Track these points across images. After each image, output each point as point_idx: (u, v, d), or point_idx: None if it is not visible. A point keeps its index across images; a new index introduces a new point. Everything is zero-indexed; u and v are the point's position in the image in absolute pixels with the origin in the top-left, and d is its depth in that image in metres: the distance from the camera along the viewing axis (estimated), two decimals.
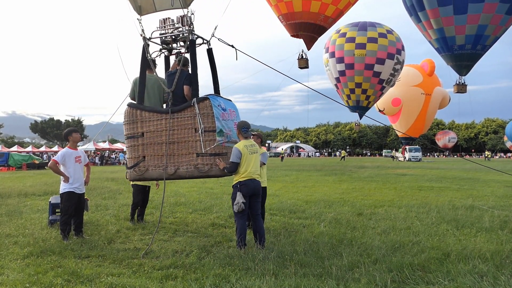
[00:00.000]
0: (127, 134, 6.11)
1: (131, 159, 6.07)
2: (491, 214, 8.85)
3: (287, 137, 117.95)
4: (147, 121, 5.97)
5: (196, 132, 5.72)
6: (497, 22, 24.40)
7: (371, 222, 8.05)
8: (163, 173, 5.85)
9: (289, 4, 22.96)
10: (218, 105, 5.82)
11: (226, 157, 5.85)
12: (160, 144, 5.89)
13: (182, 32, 6.03)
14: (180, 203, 10.81)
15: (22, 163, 34.27)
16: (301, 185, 16.57)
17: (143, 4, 6.31)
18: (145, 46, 6.12)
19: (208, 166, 5.72)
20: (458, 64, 27.03)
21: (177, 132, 5.83)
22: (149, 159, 5.95)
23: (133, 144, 6.05)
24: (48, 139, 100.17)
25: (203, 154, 5.70)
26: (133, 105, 6.13)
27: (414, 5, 26.59)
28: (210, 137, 5.70)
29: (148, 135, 5.96)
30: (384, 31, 34.70)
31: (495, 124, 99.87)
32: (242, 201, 5.74)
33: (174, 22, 6.05)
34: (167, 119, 5.85)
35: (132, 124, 6.05)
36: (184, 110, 5.83)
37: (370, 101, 36.44)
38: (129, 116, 6.07)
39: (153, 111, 5.99)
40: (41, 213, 9.37)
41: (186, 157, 5.79)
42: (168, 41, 6.26)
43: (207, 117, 5.71)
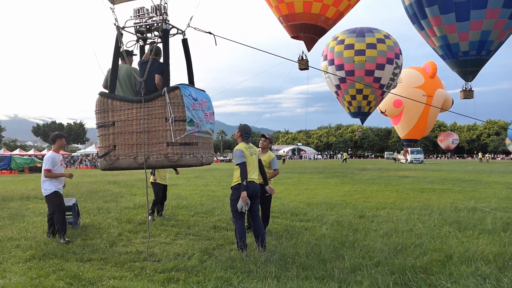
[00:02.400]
0: (98, 123, 6.03)
1: (102, 148, 5.99)
2: (494, 216, 8.83)
3: (289, 140, 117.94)
4: (118, 110, 5.89)
5: (167, 122, 5.64)
6: (501, 27, 24.46)
7: (373, 225, 8.03)
8: (133, 162, 5.80)
9: (290, 5, 23.03)
10: (189, 94, 5.75)
11: (197, 147, 5.81)
12: (131, 134, 5.82)
13: (156, 21, 5.96)
14: (181, 206, 10.80)
15: (24, 167, 34.36)
16: (303, 187, 16.56)
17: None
18: (118, 35, 6.02)
19: (178, 155, 5.64)
20: (463, 70, 27.12)
21: (148, 121, 5.75)
22: (120, 148, 5.87)
23: (104, 133, 5.96)
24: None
25: (173, 143, 5.62)
26: (104, 94, 6.04)
27: (416, 13, 26.73)
28: (181, 127, 5.62)
29: (119, 124, 5.88)
30: (382, 36, 35.02)
31: (497, 126, 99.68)
32: (243, 205, 5.74)
33: (148, 11, 5.97)
34: (138, 108, 5.78)
35: (103, 113, 5.95)
36: (155, 100, 5.74)
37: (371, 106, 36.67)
38: (100, 105, 5.97)
39: (124, 100, 5.92)
40: (43, 216, 9.37)
41: (156, 146, 5.71)
42: (143, 30, 6.19)
43: (177, 106, 5.63)
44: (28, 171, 33.86)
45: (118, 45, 6.03)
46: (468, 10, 23.88)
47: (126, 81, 6.34)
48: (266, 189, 6.54)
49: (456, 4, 24.11)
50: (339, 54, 34.78)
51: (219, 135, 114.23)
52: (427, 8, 25.64)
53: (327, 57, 35.86)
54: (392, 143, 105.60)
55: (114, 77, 6.04)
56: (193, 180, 20.59)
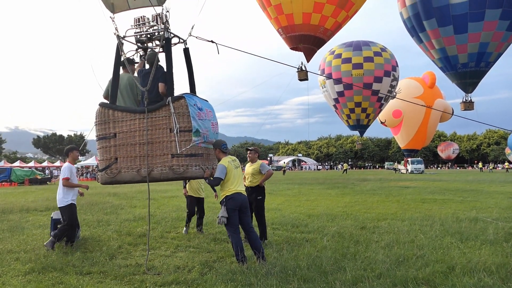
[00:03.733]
0: (98, 135, 5.86)
1: (103, 161, 5.80)
2: (496, 226, 8.78)
3: (289, 151, 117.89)
4: (120, 121, 5.72)
5: (171, 132, 5.48)
6: (499, 39, 24.66)
7: (374, 236, 7.99)
8: (136, 175, 5.61)
9: (289, 16, 23.19)
10: (194, 104, 5.61)
11: (202, 158, 5.69)
12: (134, 145, 5.63)
13: (158, 30, 5.86)
14: (182, 218, 10.75)
15: (25, 179, 34.27)
16: (303, 198, 16.51)
17: (116, 1, 6.11)
18: (119, 45, 5.91)
19: (183, 167, 5.47)
20: (463, 82, 27.30)
21: (151, 132, 5.59)
22: (122, 161, 5.68)
23: (104, 145, 5.79)
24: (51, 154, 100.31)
25: (179, 155, 5.44)
26: (105, 104, 5.88)
27: (414, 26, 26.98)
28: (186, 137, 5.47)
29: (120, 136, 5.70)
30: (378, 49, 35.48)
31: (497, 135, 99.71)
32: (223, 215, 5.77)
33: (149, 20, 5.88)
34: (141, 119, 5.60)
35: (103, 125, 5.79)
36: (159, 110, 5.59)
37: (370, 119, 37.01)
38: (101, 116, 5.81)
39: (126, 111, 5.74)
40: (43, 228, 9.33)
41: (160, 158, 5.53)
42: (144, 40, 6.08)
43: (182, 116, 5.48)
44: (28, 183, 33.77)
45: (119, 55, 5.93)
46: (465, 22, 24.10)
47: (128, 90, 6.22)
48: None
49: (454, 17, 24.33)
50: (336, 68, 35.16)
51: None
52: (425, 21, 25.87)
53: (325, 71, 36.16)
54: (393, 153, 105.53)
55: (115, 87, 5.91)
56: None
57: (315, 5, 22.43)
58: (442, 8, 24.65)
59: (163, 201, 15.75)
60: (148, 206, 6.52)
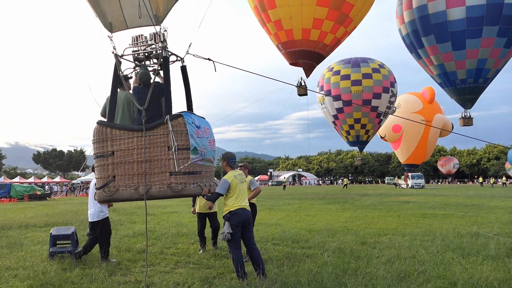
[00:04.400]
0: (96, 153, 5.85)
1: (100, 179, 5.79)
2: (497, 242, 8.74)
3: (289, 166, 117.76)
4: (118, 139, 5.72)
5: (169, 150, 5.50)
6: (497, 55, 24.96)
7: (375, 251, 7.94)
8: (134, 193, 5.61)
9: (289, 32, 23.44)
10: (192, 122, 5.66)
11: (200, 176, 5.71)
12: (131, 163, 5.64)
13: (155, 49, 5.93)
14: (181, 234, 10.70)
15: (24, 194, 34.18)
16: (303, 213, 16.45)
17: (114, 21, 6.16)
18: (116, 63, 5.95)
19: (182, 185, 5.49)
20: (462, 98, 27.54)
21: (149, 150, 5.61)
22: (120, 179, 5.68)
23: (102, 163, 5.77)
24: (51, 170, 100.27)
25: (177, 172, 5.47)
26: (102, 122, 5.90)
27: (413, 43, 27.33)
28: (184, 155, 5.51)
29: (118, 154, 5.70)
30: (377, 65, 35.91)
31: (497, 150, 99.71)
32: (228, 231, 5.73)
33: (147, 39, 5.94)
34: (139, 137, 5.64)
35: (101, 143, 5.78)
36: (157, 128, 5.62)
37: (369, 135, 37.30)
38: (98, 134, 5.81)
39: (124, 129, 5.77)
40: (42, 245, 9.28)
41: (158, 176, 5.54)
42: (141, 58, 6.14)
43: (180, 134, 5.52)
44: (27, 199, 33.67)
45: (116, 73, 5.96)
46: (463, 39, 24.43)
47: (124, 108, 6.23)
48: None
49: (452, 34, 24.65)
50: (335, 85, 35.54)
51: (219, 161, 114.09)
52: (423, 38, 26.20)
53: (323, 88, 36.54)
54: (393, 168, 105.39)
55: (113, 105, 5.95)
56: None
57: (315, 21, 22.68)
58: (440, 25, 25.00)
59: (162, 216, 15.69)
60: (145, 223, 6.50)
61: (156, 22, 5.95)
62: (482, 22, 23.83)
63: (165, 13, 5.96)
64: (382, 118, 36.42)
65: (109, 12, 6.08)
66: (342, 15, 22.86)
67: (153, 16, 5.94)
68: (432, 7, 25.02)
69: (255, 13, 24.68)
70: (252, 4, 24.21)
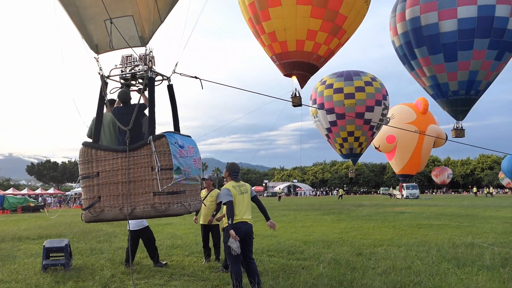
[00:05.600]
0: (82, 174, 5.88)
1: (86, 200, 5.83)
2: (492, 252, 8.75)
3: (284, 177, 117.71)
4: (103, 160, 5.76)
5: (153, 171, 5.54)
6: (488, 68, 25.32)
7: (371, 262, 7.93)
8: (119, 213, 5.65)
9: (283, 44, 23.60)
10: (175, 142, 5.69)
11: (184, 195, 5.72)
12: (116, 184, 5.68)
13: (141, 70, 5.97)
14: (176, 246, 10.64)
15: (17, 206, 33.90)
16: (299, 224, 16.41)
17: (100, 43, 6.20)
18: (102, 85, 5.99)
19: (165, 205, 5.52)
20: (454, 110, 27.83)
21: (133, 171, 5.64)
22: (105, 200, 5.72)
23: (88, 184, 5.82)
24: (44, 181, 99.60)
25: (160, 193, 5.50)
26: (88, 144, 5.93)
27: (406, 54, 27.64)
28: (167, 175, 5.53)
29: (103, 175, 5.74)
30: (369, 79, 36.43)
31: (490, 160, 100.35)
32: (236, 245, 5.64)
33: (135, 59, 5.99)
34: (123, 157, 5.67)
35: (86, 164, 5.82)
36: (140, 149, 5.67)
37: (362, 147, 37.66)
38: (84, 155, 5.84)
39: (108, 150, 5.82)
40: (35, 257, 9.19)
41: (142, 196, 5.58)
42: (127, 77, 6.15)
43: (163, 155, 5.55)
44: (21, 211, 33.38)
45: (102, 95, 5.99)
46: (455, 51, 24.77)
47: (110, 130, 6.26)
48: (268, 225, 6.30)
49: (444, 45, 24.99)
50: (328, 98, 35.90)
51: (214, 172, 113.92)
52: (416, 49, 26.52)
53: (316, 101, 36.85)
54: (388, 178, 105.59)
55: (98, 126, 5.97)
56: (188, 219, 20.34)
57: (309, 32, 22.87)
58: (432, 37, 25.33)
59: (157, 228, 15.59)
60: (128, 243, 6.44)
61: (142, 43, 6.01)
62: (474, 34, 24.20)
63: (151, 34, 6.03)
64: (375, 131, 36.87)
65: (95, 34, 6.13)
66: (336, 27, 23.08)
67: (139, 38, 6.00)
68: (424, 19, 25.37)
69: (249, 24, 24.85)
70: (247, 16, 24.39)
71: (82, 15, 6.00)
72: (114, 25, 5.88)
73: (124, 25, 5.93)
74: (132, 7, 5.88)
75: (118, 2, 5.84)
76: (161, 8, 5.86)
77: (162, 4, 5.87)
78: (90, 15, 6.00)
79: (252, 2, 23.17)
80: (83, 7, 5.95)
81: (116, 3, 5.82)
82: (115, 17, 5.85)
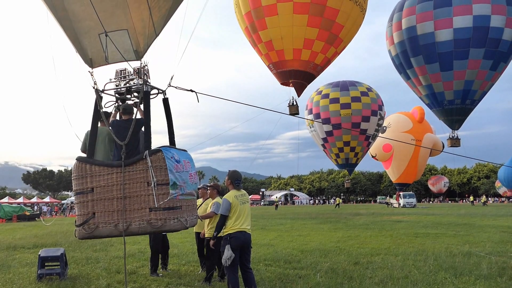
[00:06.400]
0: (76, 190, 5.76)
1: (80, 216, 5.71)
2: (489, 261, 8.75)
3: (281, 185, 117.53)
4: (97, 175, 5.65)
5: (149, 186, 5.45)
6: (483, 77, 25.54)
7: (368, 272, 7.90)
8: (114, 230, 5.53)
9: (280, 52, 23.70)
10: (171, 157, 5.61)
11: (181, 210, 5.62)
12: (111, 200, 5.56)
13: (137, 84, 5.91)
14: (172, 255, 10.57)
15: (13, 215, 33.68)
16: (296, 233, 16.36)
17: (94, 57, 6.13)
18: (97, 99, 5.92)
19: (161, 221, 5.42)
20: (449, 119, 27.98)
21: (129, 186, 5.54)
22: (99, 216, 5.60)
23: (82, 200, 5.70)
24: (40, 190, 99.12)
25: (156, 208, 5.41)
26: (82, 159, 5.83)
27: (402, 63, 27.84)
28: (164, 191, 5.45)
29: (98, 190, 5.63)
30: (365, 89, 36.77)
31: (487, 169, 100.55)
32: (231, 255, 5.61)
33: (130, 73, 5.94)
34: (118, 173, 5.57)
35: (81, 179, 5.71)
36: (136, 163, 5.58)
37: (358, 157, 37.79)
38: (78, 170, 5.73)
39: (103, 165, 5.71)
40: (30, 266, 9.12)
41: (138, 212, 5.47)
42: (122, 91, 6.09)
43: (159, 170, 5.47)
44: (16, 219, 33.16)
45: (97, 109, 5.92)
46: (451, 60, 24.99)
47: (105, 144, 6.16)
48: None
49: (440, 55, 25.21)
50: (324, 108, 36.10)
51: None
52: (412, 58, 26.71)
53: (312, 111, 37.00)
54: (385, 187, 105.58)
55: (93, 141, 5.90)
56: None
57: (305, 41, 22.97)
58: (428, 46, 25.54)
59: None
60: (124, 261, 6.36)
61: (136, 57, 5.97)
62: (469, 44, 24.41)
63: (146, 48, 5.99)
64: (370, 141, 37.09)
65: (90, 48, 6.09)
66: (332, 36, 23.20)
67: (133, 52, 5.95)
68: (421, 29, 25.59)
69: (246, 34, 24.95)
70: (243, 25, 24.49)
71: (76, 28, 5.95)
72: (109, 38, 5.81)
73: (118, 39, 5.87)
74: (126, 21, 5.84)
75: (112, 16, 5.78)
76: (156, 22, 5.81)
77: (157, 18, 5.82)
78: (84, 28, 5.95)
79: (248, 12, 23.28)
80: (77, 21, 5.90)
81: (111, 17, 5.77)
82: (109, 31, 5.79)
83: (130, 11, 5.76)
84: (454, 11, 24.60)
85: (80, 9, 5.77)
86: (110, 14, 5.74)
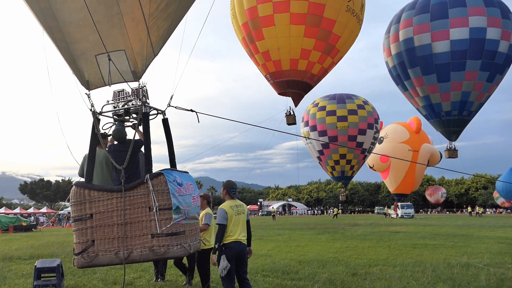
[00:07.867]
0: (74, 216, 5.57)
1: (79, 244, 5.50)
2: (487, 272, 8.72)
3: (279, 195, 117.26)
4: (96, 201, 5.46)
5: (151, 211, 5.27)
6: (480, 89, 25.80)
7: (366, 283, 7.86)
8: (115, 258, 5.34)
9: (277, 63, 23.84)
10: (174, 180, 5.46)
11: (184, 236, 5.47)
12: (111, 226, 5.37)
13: (135, 105, 5.76)
14: (170, 265, 10.48)
15: (9, 226, 33.47)
16: (294, 244, 16.30)
17: (91, 78, 6.00)
18: (94, 122, 5.78)
19: (164, 247, 5.24)
20: (446, 130, 28.16)
21: (130, 211, 5.35)
22: (99, 243, 5.39)
23: (80, 227, 5.50)
24: (37, 200, 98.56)
25: (159, 234, 5.23)
26: (80, 184, 5.67)
27: (400, 74, 28.09)
28: (166, 216, 5.27)
29: (97, 217, 5.43)
30: (361, 102, 37.15)
31: (484, 180, 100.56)
32: (226, 265, 5.57)
33: (128, 94, 5.80)
34: (118, 198, 5.39)
35: (79, 206, 5.52)
36: (137, 188, 5.40)
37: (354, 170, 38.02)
38: (76, 196, 5.55)
39: (102, 190, 5.53)
40: (26, 278, 9.04)
41: (140, 239, 5.28)
42: (120, 113, 5.93)
43: (162, 194, 5.31)
44: (12, 230, 32.94)
45: (94, 132, 5.80)
46: (448, 71, 25.23)
47: (103, 168, 6.04)
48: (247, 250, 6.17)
49: (437, 66, 25.45)
50: (321, 120, 36.31)
51: (208, 191, 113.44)
52: (409, 70, 26.94)
53: (309, 123, 37.17)
54: (382, 197, 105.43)
55: (91, 165, 5.73)
56: None
57: (302, 51, 23.12)
58: (426, 57, 25.78)
59: None
60: None
61: (134, 78, 5.86)
62: (466, 55, 24.66)
63: (144, 68, 5.88)
64: (366, 154, 37.31)
65: (86, 70, 5.98)
66: (329, 46, 23.35)
67: (131, 72, 5.84)
68: (418, 40, 25.84)
69: (243, 44, 25.10)
70: (240, 36, 24.65)
71: (72, 50, 5.84)
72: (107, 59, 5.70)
73: (116, 60, 5.75)
74: (124, 41, 5.73)
75: (109, 37, 5.67)
76: (154, 42, 5.69)
77: (155, 38, 5.71)
78: (80, 50, 5.84)
79: (245, 22, 23.44)
80: (73, 42, 5.79)
81: (108, 37, 5.65)
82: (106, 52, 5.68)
83: (127, 31, 5.65)
84: (450, 23, 24.88)
85: (76, 30, 5.66)
86: (106, 35, 5.62)
